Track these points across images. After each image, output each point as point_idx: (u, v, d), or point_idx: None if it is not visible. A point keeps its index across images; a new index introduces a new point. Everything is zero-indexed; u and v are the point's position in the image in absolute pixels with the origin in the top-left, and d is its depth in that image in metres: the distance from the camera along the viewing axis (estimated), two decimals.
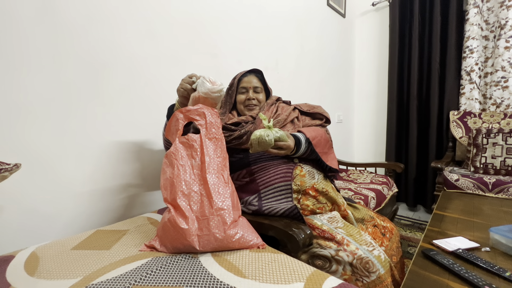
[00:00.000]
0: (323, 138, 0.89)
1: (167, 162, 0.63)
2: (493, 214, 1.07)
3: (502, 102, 1.83)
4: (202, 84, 0.69)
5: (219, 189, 0.60)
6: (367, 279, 0.64)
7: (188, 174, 0.59)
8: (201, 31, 1.20)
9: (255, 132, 0.72)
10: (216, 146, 0.64)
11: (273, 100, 1.00)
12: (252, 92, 0.96)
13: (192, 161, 0.60)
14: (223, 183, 0.61)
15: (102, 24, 0.88)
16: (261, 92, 0.99)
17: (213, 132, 0.65)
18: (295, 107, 1.00)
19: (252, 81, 0.98)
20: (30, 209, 0.76)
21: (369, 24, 2.47)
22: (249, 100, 0.96)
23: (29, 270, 0.53)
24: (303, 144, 0.82)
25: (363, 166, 1.86)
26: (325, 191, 0.81)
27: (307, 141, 0.83)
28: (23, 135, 0.74)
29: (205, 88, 0.67)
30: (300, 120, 0.98)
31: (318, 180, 0.83)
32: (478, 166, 1.60)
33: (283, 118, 0.93)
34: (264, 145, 0.71)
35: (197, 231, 0.56)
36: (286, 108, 0.98)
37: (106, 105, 0.91)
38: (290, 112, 0.96)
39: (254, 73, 1.00)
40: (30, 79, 0.75)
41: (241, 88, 0.98)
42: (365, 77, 2.55)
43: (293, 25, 1.77)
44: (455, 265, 0.67)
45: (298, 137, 0.82)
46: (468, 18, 1.87)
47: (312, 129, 0.89)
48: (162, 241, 0.60)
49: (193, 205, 0.58)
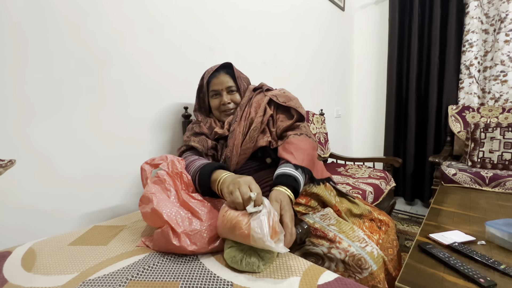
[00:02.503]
0: (309, 149, 0.75)
1: (145, 201, 0.63)
2: (490, 208, 1.08)
3: (500, 97, 1.82)
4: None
5: (200, 207, 0.62)
6: (360, 276, 0.64)
7: (170, 202, 0.61)
8: (198, 24, 1.18)
9: (241, 263, 0.51)
10: (180, 178, 0.68)
11: (248, 97, 0.87)
12: (226, 95, 0.85)
13: (168, 193, 0.64)
14: (197, 201, 0.64)
15: (97, 18, 0.86)
16: (236, 91, 0.87)
17: (176, 168, 0.69)
18: (270, 98, 0.85)
19: (224, 80, 0.85)
20: (27, 206, 0.76)
21: (369, 18, 2.45)
22: (224, 105, 0.85)
23: (26, 266, 0.53)
24: (300, 178, 0.68)
25: (361, 160, 1.86)
26: (316, 194, 0.78)
27: (299, 169, 0.69)
28: (19, 132, 0.73)
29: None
30: (275, 120, 0.84)
31: (309, 187, 0.78)
32: (475, 161, 1.61)
33: (258, 122, 0.81)
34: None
35: (192, 246, 0.56)
36: (260, 102, 0.84)
37: (102, 101, 0.90)
38: (265, 108, 0.83)
39: (225, 70, 0.87)
40: (23, 74, 0.73)
41: (212, 91, 0.86)
42: (364, 72, 2.53)
43: (292, 18, 1.75)
44: (451, 259, 0.68)
45: (291, 177, 0.66)
46: (468, 11, 1.86)
47: (294, 147, 0.73)
48: (156, 244, 0.60)
49: (181, 225, 0.58)
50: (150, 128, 1.04)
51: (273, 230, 0.51)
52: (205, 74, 0.89)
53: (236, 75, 0.88)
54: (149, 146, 1.05)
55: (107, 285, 0.46)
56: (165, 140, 1.10)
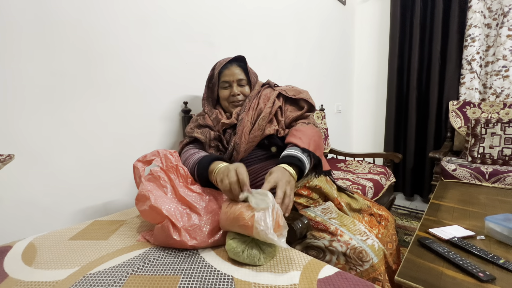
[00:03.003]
0: (316, 137, 0.76)
1: (142, 199, 0.63)
2: (489, 203, 1.08)
3: (502, 92, 1.81)
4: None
5: (198, 201, 0.62)
6: (361, 268, 0.65)
7: (167, 199, 0.61)
8: (197, 19, 1.16)
9: (243, 254, 0.51)
10: (176, 172, 0.67)
11: (257, 90, 0.89)
12: (236, 86, 0.87)
13: (164, 189, 0.63)
14: (197, 194, 0.63)
15: (95, 13, 0.85)
16: (246, 85, 0.89)
17: (169, 162, 0.68)
18: (279, 92, 0.88)
19: (235, 72, 0.87)
20: (27, 200, 0.76)
21: (370, 12, 2.42)
22: (233, 96, 0.87)
23: (26, 260, 0.53)
24: (305, 160, 0.69)
25: (362, 156, 1.86)
26: (318, 187, 0.79)
27: (303, 150, 0.70)
28: (18, 127, 0.73)
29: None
30: (283, 111, 0.87)
31: (312, 177, 0.80)
32: (475, 156, 1.61)
33: (267, 112, 0.83)
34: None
35: (191, 241, 0.56)
36: (269, 95, 0.87)
37: (101, 96, 0.89)
38: (274, 100, 0.86)
39: (237, 62, 0.89)
40: (22, 70, 0.73)
41: (223, 82, 0.88)
42: (365, 67, 2.51)
43: (292, 12, 1.73)
44: (450, 253, 0.68)
45: (295, 157, 0.67)
46: (471, 5, 1.83)
47: (301, 133, 0.75)
48: (156, 239, 0.60)
49: (181, 220, 0.58)
50: (149, 123, 1.04)
51: (276, 223, 0.51)
52: (216, 64, 0.89)
53: (248, 69, 0.90)
54: (149, 141, 1.04)
55: (108, 279, 0.46)
56: (165, 135, 1.10)
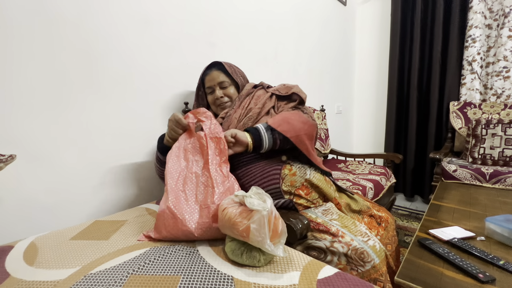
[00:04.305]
0: (294, 120, 0.78)
1: (179, 154, 0.70)
2: (490, 204, 1.08)
3: (503, 93, 1.81)
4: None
5: (220, 182, 0.65)
6: (362, 269, 0.65)
7: (199, 167, 0.67)
8: (199, 19, 1.17)
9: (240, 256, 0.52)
10: (216, 144, 0.70)
11: (248, 90, 0.92)
12: (218, 90, 0.90)
13: (200, 156, 0.69)
14: (222, 177, 0.66)
15: (96, 12, 0.85)
16: (230, 86, 0.92)
17: (216, 132, 0.71)
18: (272, 93, 0.92)
19: (215, 76, 0.91)
20: (29, 200, 0.76)
21: (371, 12, 2.42)
22: (218, 100, 0.91)
23: (28, 260, 0.54)
24: (263, 133, 0.74)
25: (362, 157, 1.86)
26: (316, 185, 0.79)
27: (268, 128, 0.75)
28: (19, 127, 0.73)
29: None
30: (276, 108, 0.90)
31: (311, 175, 0.79)
32: (476, 157, 1.61)
33: (255, 112, 0.85)
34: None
35: (198, 219, 0.59)
36: (262, 97, 0.90)
37: (102, 95, 0.90)
38: (266, 102, 0.88)
39: (215, 67, 0.93)
40: (23, 69, 0.73)
41: (208, 88, 0.93)
42: (365, 67, 2.51)
43: (292, 12, 1.73)
44: (450, 254, 0.68)
45: (255, 128, 0.75)
46: (472, 6, 1.83)
47: (280, 115, 0.79)
48: (157, 229, 0.61)
49: (199, 194, 0.63)
50: (150, 123, 1.04)
51: (274, 231, 0.50)
52: (201, 73, 0.94)
53: (229, 70, 0.92)
54: (150, 141, 1.04)
55: (109, 279, 0.47)
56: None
